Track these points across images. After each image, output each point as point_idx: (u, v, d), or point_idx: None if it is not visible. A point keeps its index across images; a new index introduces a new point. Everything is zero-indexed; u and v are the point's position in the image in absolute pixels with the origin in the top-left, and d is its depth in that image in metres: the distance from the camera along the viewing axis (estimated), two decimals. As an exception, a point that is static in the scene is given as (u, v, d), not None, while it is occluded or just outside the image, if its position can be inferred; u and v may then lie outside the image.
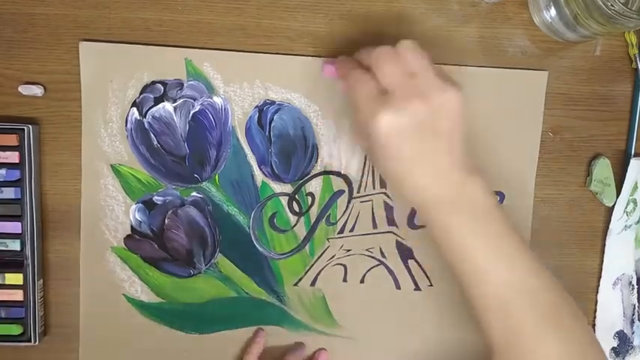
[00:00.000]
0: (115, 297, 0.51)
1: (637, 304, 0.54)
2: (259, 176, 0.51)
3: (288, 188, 0.51)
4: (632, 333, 0.54)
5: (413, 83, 0.38)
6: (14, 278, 0.49)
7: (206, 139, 0.50)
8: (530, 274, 0.40)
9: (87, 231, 0.50)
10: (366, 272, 0.52)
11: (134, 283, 0.51)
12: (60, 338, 0.52)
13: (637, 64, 0.51)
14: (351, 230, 0.51)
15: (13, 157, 0.49)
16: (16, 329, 0.50)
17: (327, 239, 0.52)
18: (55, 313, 0.52)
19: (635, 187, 0.52)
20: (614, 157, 0.52)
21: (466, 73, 0.50)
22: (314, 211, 0.51)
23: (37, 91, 0.49)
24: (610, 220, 0.52)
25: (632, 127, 0.52)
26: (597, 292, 0.54)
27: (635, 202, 0.53)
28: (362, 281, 0.52)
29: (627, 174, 0.52)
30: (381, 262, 0.52)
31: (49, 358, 0.52)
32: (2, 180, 0.49)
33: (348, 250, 0.52)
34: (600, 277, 0.53)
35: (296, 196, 0.51)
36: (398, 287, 0.52)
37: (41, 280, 0.51)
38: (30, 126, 0.48)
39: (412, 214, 0.52)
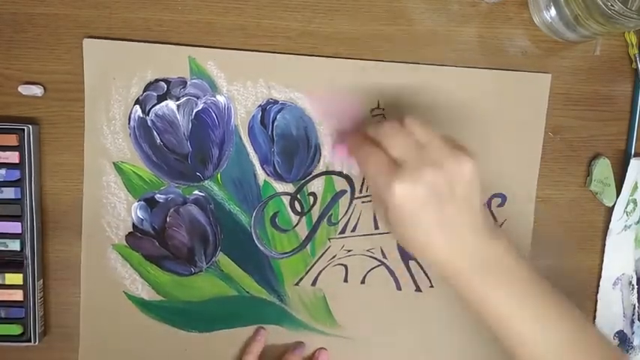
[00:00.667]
0: (115, 294, 0.51)
1: (637, 304, 0.54)
2: (261, 175, 0.51)
3: (290, 188, 0.51)
4: (632, 333, 0.54)
5: (424, 153, 0.39)
6: (14, 278, 0.49)
7: (209, 137, 0.50)
8: (570, 332, 0.40)
9: (88, 228, 0.50)
10: (367, 273, 0.52)
11: (135, 281, 0.51)
12: (60, 338, 0.52)
13: (637, 64, 0.51)
14: (353, 230, 0.51)
15: (13, 157, 0.49)
16: (16, 329, 0.50)
17: (329, 239, 0.52)
18: (55, 313, 0.52)
19: (635, 187, 0.52)
20: (614, 157, 0.52)
21: (469, 75, 0.50)
22: (315, 211, 0.51)
23: (37, 91, 0.49)
24: (610, 220, 0.52)
25: (632, 127, 0.52)
26: (597, 292, 0.54)
27: (635, 202, 0.53)
28: (363, 282, 0.52)
29: (627, 174, 0.52)
30: (382, 263, 0.52)
31: (49, 358, 0.52)
32: (2, 180, 0.49)
33: (350, 251, 0.52)
34: (600, 277, 0.53)
35: (298, 196, 0.51)
36: (399, 288, 0.52)
37: (41, 280, 0.51)
38: (30, 126, 0.48)
39: None
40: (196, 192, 0.51)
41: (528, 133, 0.51)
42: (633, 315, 0.54)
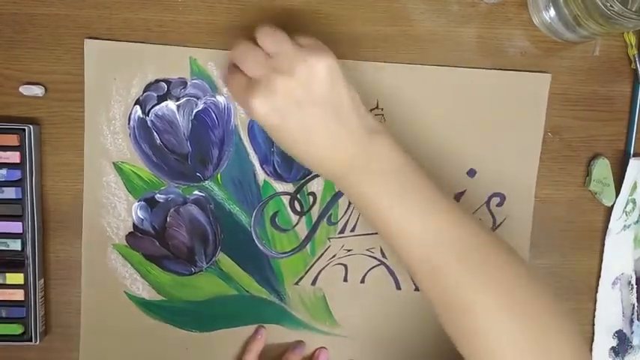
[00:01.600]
0: (116, 294, 0.51)
1: (636, 304, 0.54)
2: (261, 175, 0.51)
3: (289, 187, 0.51)
4: (632, 333, 0.54)
5: (273, 63, 0.38)
6: (15, 278, 0.50)
7: (209, 137, 0.50)
8: (451, 225, 0.39)
9: (88, 228, 0.50)
10: (367, 272, 0.52)
11: (135, 281, 0.51)
12: (61, 338, 0.52)
13: (636, 64, 0.51)
14: (352, 230, 0.52)
15: (14, 157, 0.49)
16: (16, 329, 0.50)
17: (328, 239, 0.52)
18: (56, 313, 0.52)
19: (635, 187, 0.52)
20: (613, 157, 0.52)
21: (469, 75, 0.50)
22: (315, 211, 0.51)
23: (37, 91, 0.49)
24: (609, 220, 0.53)
25: (631, 127, 0.52)
26: (596, 292, 0.54)
27: (634, 201, 0.53)
28: (362, 281, 0.52)
29: (626, 174, 0.52)
30: (382, 263, 0.52)
31: (50, 357, 0.52)
32: (3, 180, 0.49)
33: (349, 250, 0.52)
34: (599, 276, 0.53)
35: (298, 196, 0.51)
36: (398, 287, 0.52)
37: (42, 279, 0.51)
38: (31, 126, 0.48)
39: None
40: (196, 192, 0.51)
41: (528, 133, 0.51)
42: (632, 314, 0.54)
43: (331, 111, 0.38)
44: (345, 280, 0.52)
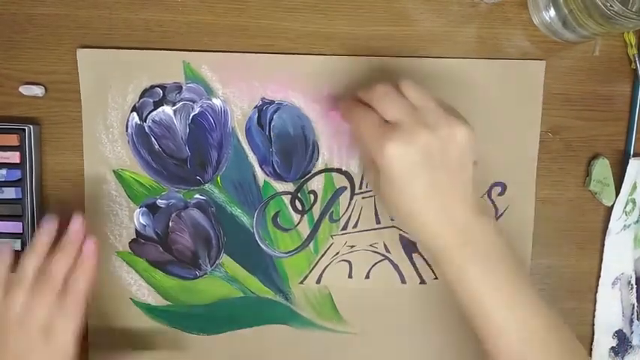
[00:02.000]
0: (122, 301, 0.51)
1: (636, 304, 0.54)
2: (261, 176, 0.51)
3: (290, 187, 0.51)
4: (631, 332, 0.54)
5: (419, 115, 0.38)
6: (15, 278, 0.50)
7: (207, 141, 0.50)
8: (534, 316, 0.39)
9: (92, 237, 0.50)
10: (371, 268, 0.52)
11: (141, 287, 0.51)
12: (60, 338, 0.52)
13: (636, 64, 0.51)
14: (355, 226, 0.52)
15: (14, 157, 0.49)
16: (16, 329, 0.50)
17: (331, 236, 0.52)
18: (56, 313, 0.52)
19: (634, 187, 0.52)
20: (613, 157, 0.52)
21: (464, 65, 0.50)
22: (317, 209, 0.51)
23: (37, 91, 0.49)
24: (609, 220, 0.53)
25: (631, 127, 0.52)
26: (596, 292, 0.54)
27: (634, 201, 0.53)
28: (367, 277, 0.52)
29: (626, 174, 0.52)
30: (386, 257, 0.52)
31: (50, 357, 0.52)
32: (3, 180, 0.49)
33: (352, 246, 0.52)
34: (599, 276, 0.53)
35: (298, 195, 0.51)
36: (403, 281, 0.52)
37: (42, 279, 0.51)
38: (31, 126, 0.48)
39: None
40: (197, 196, 0.51)
41: (525, 120, 0.51)
42: (632, 314, 0.54)
43: (457, 178, 0.39)
44: (350, 276, 0.52)
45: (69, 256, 0.44)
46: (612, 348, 0.54)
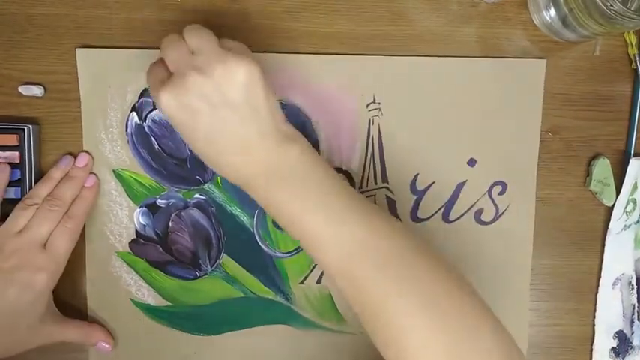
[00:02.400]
0: (122, 302, 0.51)
1: (636, 304, 0.54)
2: None
3: None
4: (632, 333, 0.54)
5: (192, 60, 0.37)
6: (14, 278, 0.49)
7: None
8: (367, 233, 0.38)
9: (92, 237, 0.50)
10: None
11: (141, 287, 0.51)
12: (60, 338, 0.52)
13: (636, 64, 0.51)
14: None
15: (13, 157, 0.49)
16: (16, 329, 0.50)
17: None
18: (55, 313, 0.52)
19: (635, 187, 0.52)
20: (613, 157, 0.52)
21: (464, 64, 0.50)
22: None
23: (37, 91, 0.49)
24: (609, 220, 0.53)
25: (631, 127, 0.52)
26: (597, 292, 0.54)
27: (634, 202, 0.53)
28: None
29: (627, 174, 0.52)
30: None
31: (50, 357, 0.52)
32: (2, 180, 0.49)
33: None
34: (600, 277, 0.53)
35: None
36: None
37: (41, 280, 0.51)
38: (30, 126, 0.48)
39: (415, 207, 0.52)
40: (197, 195, 0.51)
41: (526, 119, 0.51)
42: (633, 315, 0.54)
43: (245, 116, 0.38)
44: None
45: (75, 184, 0.48)
46: (613, 348, 0.54)
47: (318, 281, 0.52)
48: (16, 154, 0.48)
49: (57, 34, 0.49)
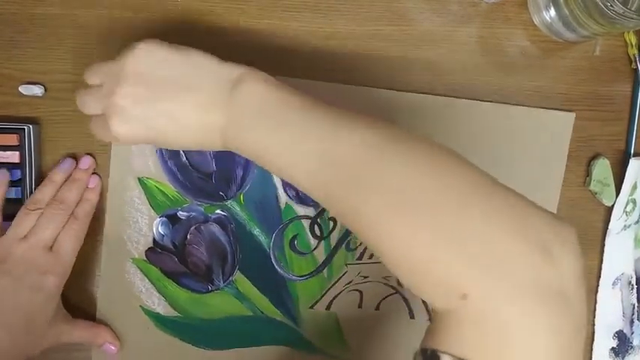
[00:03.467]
0: (132, 308, 0.51)
1: (636, 304, 0.54)
2: (283, 198, 0.51)
3: (311, 211, 0.51)
4: (632, 333, 0.54)
5: (103, 90, 0.39)
6: (15, 278, 0.50)
7: (234, 157, 0.50)
8: (335, 142, 0.34)
9: (109, 241, 0.50)
10: (382, 300, 0.52)
11: (152, 296, 0.51)
12: (60, 338, 0.52)
13: (636, 64, 0.51)
14: (370, 257, 0.52)
15: (13, 156, 0.49)
16: (16, 329, 0.50)
17: (346, 264, 0.52)
18: (56, 313, 0.52)
19: (635, 187, 0.52)
20: (613, 157, 0.52)
21: (488, 109, 0.50)
22: (334, 236, 0.51)
23: (37, 91, 0.49)
24: (609, 220, 0.53)
25: (631, 127, 0.52)
26: (596, 292, 0.54)
27: (634, 201, 0.53)
28: (377, 308, 0.52)
29: (627, 174, 0.52)
30: (397, 291, 0.52)
31: (50, 357, 0.52)
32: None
33: (366, 277, 0.52)
34: (599, 276, 0.53)
35: (318, 220, 0.51)
36: (412, 317, 0.52)
37: (42, 279, 0.51)
38: (30, 126, 0.48)
39: None
40: (218, 211, 0.51)
41: (550, 169, 0.51)
42: (633, 315, 0.54)
43: (178, 83, 0.37)
44: (360, 306, 0.52)
45: (79, 186, 0.48)
46: (612, 348, 0.54)
47: (328, 307, 0.52)
48: (17, 153, 0.49)
49: (57, 34, 0.49)
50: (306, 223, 0.51)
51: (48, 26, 0.49)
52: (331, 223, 0.51)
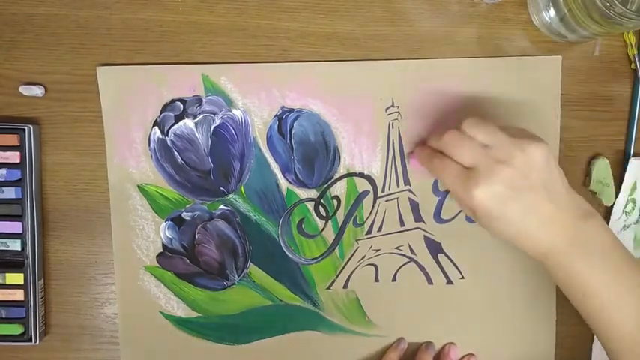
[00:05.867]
0: (152, 315, 0.51)
1: (636, 304, 0.54)
2: (284, 184, 0.51)
3: (313, 193, 0.51)
4: (631, 332, 0.54)
5: (491, 153, 0.41)
6: (15, 278, 0.50)
7: (229, 152, 0.50)
8: None
9: (120, 252, 0.51)
10: (397, 270, 0.52)
11: (170, 300, 0.51)
12: (60, 338, 0.52)
13: (636, 64, 0.51)
14: (379, 230, 0.52)
15: (14, 157, 0.49)
16: (16, 329, 0.50)
17: (356, 240, 0.52)
18: (56, 313, 0.52)
19: (634, 187, 0.52)
20: (613, 158, 0.52)
21: (479, 64, 0.50)
22: (341, 214, 0.51)
23: (37, 91, 0.49)
24: (609, 220, 0.53)
25: (630, 128, 0.52)
26: (596, 292, 0.54)
27: (634, 202, 0.53)
28: (394, 279, 0.52)
29: (626, 174, 0.52)
30: (412, 259, 0.52)
31: (50, 357, 0.52)
32: (3, 180, 0.49)
33: (378, 250, 0.52)
34: (599, 276, 0.53)
35: (322, 201, 0.51)
36: (430, 282, 0.52)
37: (42, 279, 0.51)
38: (31, 126, 0.48)
39: (438, 208, 0.52)
40: (222, 207, 0.51)
41: (546, 117, 0.51)
42: (632, 315, 0.54)
43: (546, 194, 0.40)
44: (377, 279, 0.52)
45: None
46: (612, 348, 0.54)
47: (345, 286, 0.52)
48: (17, 154, 0.49)
49: (57, 34, 0.49)
50: (310, 205, 0.51)
51: (48, 26, 0.49)
52: (335, 202, 0.51)
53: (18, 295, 0.50)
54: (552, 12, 0.49)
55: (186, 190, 0.51)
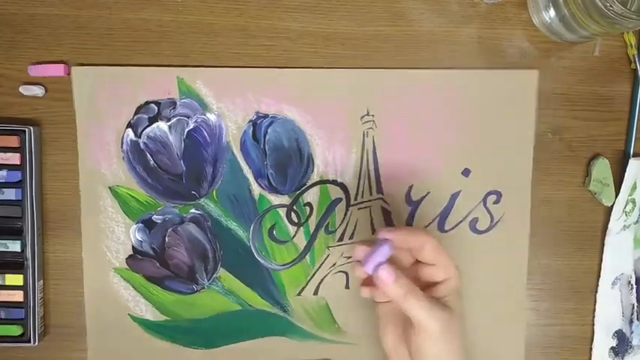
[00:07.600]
0: (120, 317, 0.51)
1: (636, 304, 0.54)
2: (256, 189, 0.51)
3: (285, 199, 0.51)
4: (631, 333, 0.54)
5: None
6: (14, 279, 0.50)
7: (202, 155, 0.50)
8: None
9: (89, 253, 0.51)
10: None
11: (139, 303, 0.51)
12: (60, 339, 0.52)
13: (636, 64, 0.51)
14: (351, 237, 0.52)
15: (14, 158, 0.49)
16: (16, 330, 0.50)
17: (327, 247, 0.52)
18: (55, 314, 0.52)
19: (634, 187, 0.53)
20: (613, 157, 0.52)
21: (456, 76, 0.50)
22: (313, 221, 0.51)
23: (37, 91, 0.49)
24: (609, 220, 0.53)
25: (630, 128, 0.52)
26: (596, 292, 0.54)
27: (633, 201, 0.53)
28: None
29: (626, 174, 0.52)
30: None
31: (49, 358, 0.52)
32: (3, 181, 0.49)
33: (349, 257, 0.52)
34: (599, 276, 0.53)
35: (294, 207, 0.51)
36: None
37: (41, 280, 0.51)
38: (31, 127, 0.48)
39: (410, 217, 0.52)
40: (193, 210, 0.51)
41: (520, 129, 0.51)
42: (632, 314, 0.54)
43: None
44: (347, 287, 0.52)
45: None
46: (612, 348, 0.54)
47: (315, 293, 0.52)
48: (17, 155, 0.49)
49: (57, 34, 0.49)
50: (282, 211, 0.51)
51: (48, 26, 0.49)
52: (307, 209, 0.51)
53: (17, 296, 0.50)
54: (552, 12, 0.49)
55: (157, 193, 0.50)
